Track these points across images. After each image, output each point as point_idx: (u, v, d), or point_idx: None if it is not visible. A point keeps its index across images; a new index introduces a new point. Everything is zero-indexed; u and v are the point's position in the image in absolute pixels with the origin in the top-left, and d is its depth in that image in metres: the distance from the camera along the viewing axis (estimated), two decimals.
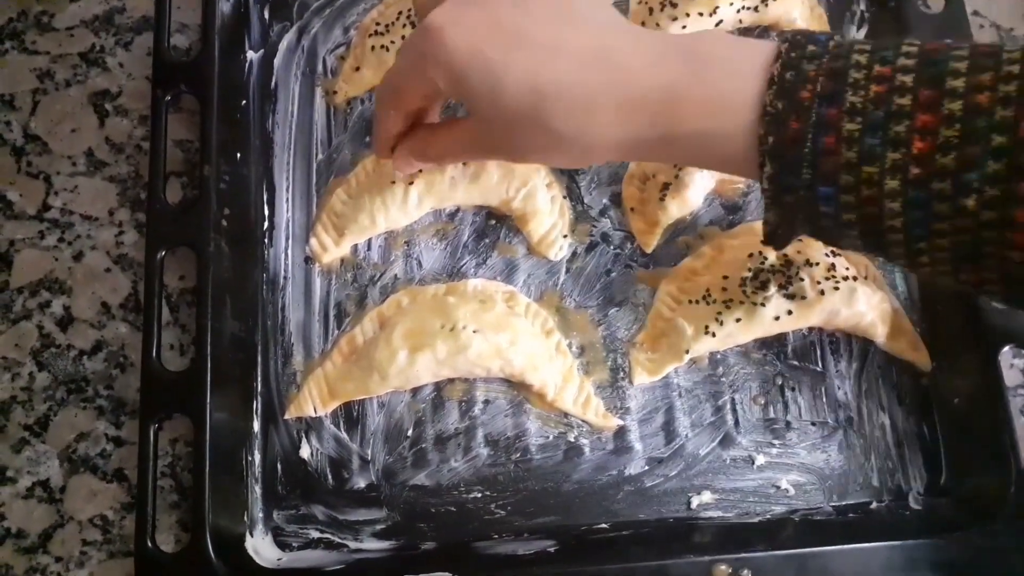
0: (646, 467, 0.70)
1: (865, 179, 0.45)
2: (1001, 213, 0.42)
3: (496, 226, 0.75)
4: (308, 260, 0.75)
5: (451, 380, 0.71)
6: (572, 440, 0.70)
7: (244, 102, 0.77)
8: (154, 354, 0.67)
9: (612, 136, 0.51)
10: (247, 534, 0.66)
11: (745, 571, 0.63)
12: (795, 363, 0.72)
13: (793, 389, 0.71)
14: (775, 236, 0.52)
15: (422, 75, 0.54)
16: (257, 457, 0.69)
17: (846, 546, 0.64)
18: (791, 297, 0.69)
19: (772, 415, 0.71)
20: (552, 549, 0.66)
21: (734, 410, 0.71)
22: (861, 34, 0.81)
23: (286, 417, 0.70)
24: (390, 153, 0.63)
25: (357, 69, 0.78)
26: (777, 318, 0.69)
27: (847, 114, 0.45)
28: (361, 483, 0.69)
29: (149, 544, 0.64)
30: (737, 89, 0.48)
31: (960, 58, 0.44)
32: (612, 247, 0.75)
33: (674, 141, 0.51)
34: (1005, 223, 0.43)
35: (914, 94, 0.44)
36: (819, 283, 0.68)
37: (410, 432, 0.70)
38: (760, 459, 0.70)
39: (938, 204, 0.44)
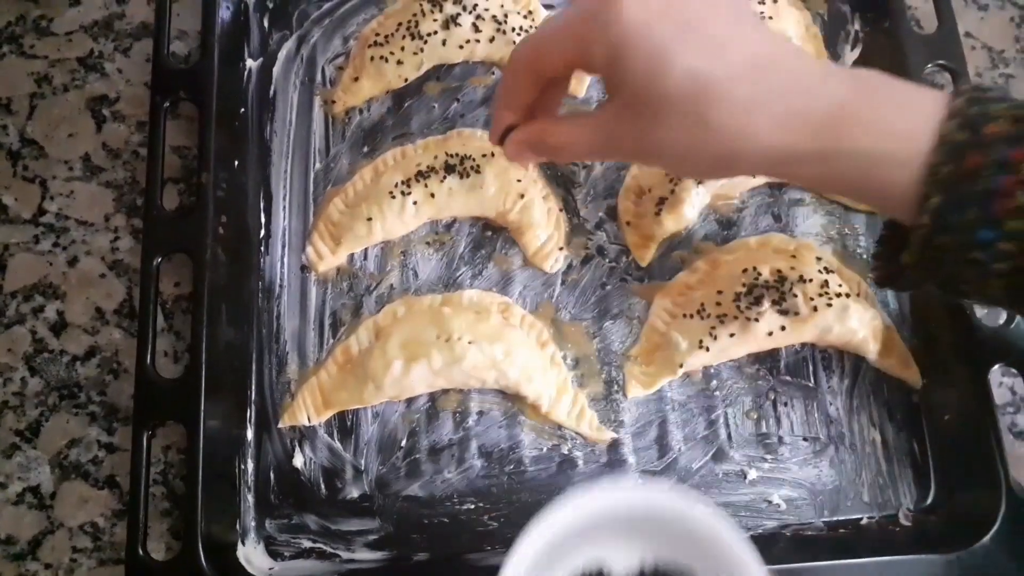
0: (640, 480, 0.70)
1: None
2: None
3: (492, 238, 0.76)
4: (304, 269, 0.75)
5: (445, 391, 0.71)
6: (566, 452, 0.70)
7: (243, 110, 0.77)
8: (148, 360, 0.67)
9: (769, 142, 0.49)
10: (239, 543, 0.66)
11: None
12: (788, 378, 0.72)
13: (786, 404, 0.72)
14: (900, 278, 0.52)
15: (580, 39, 0.51)
16: (250, 465, 0.69)
17: (836, 562, 0.64)
18: (784, 313, 0.69)
19: (764, 430, 0.71)
20: None
21: (727, 424, 0.71)
22: (855, 54, 0.82)
23: (280, 426, 0.70)
24: (501, 137, 0.59)
25: (356, 79, 0.78)
26: (771, 333, 0.70)
27: None
28: (354, 493, 0.69)
29: (140, 552, 0.63)
30: (912, 117, 0.48)
31: None
32: (607, 260, 0.75)
33: (835, 158, 0.49)
34: None
35: None
36: (812, 299, 0.69)
37: (404, 442, 0.70)
38: (752, 473, 0.70)
39: None
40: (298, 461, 0.70)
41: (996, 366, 0.68)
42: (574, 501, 0.53)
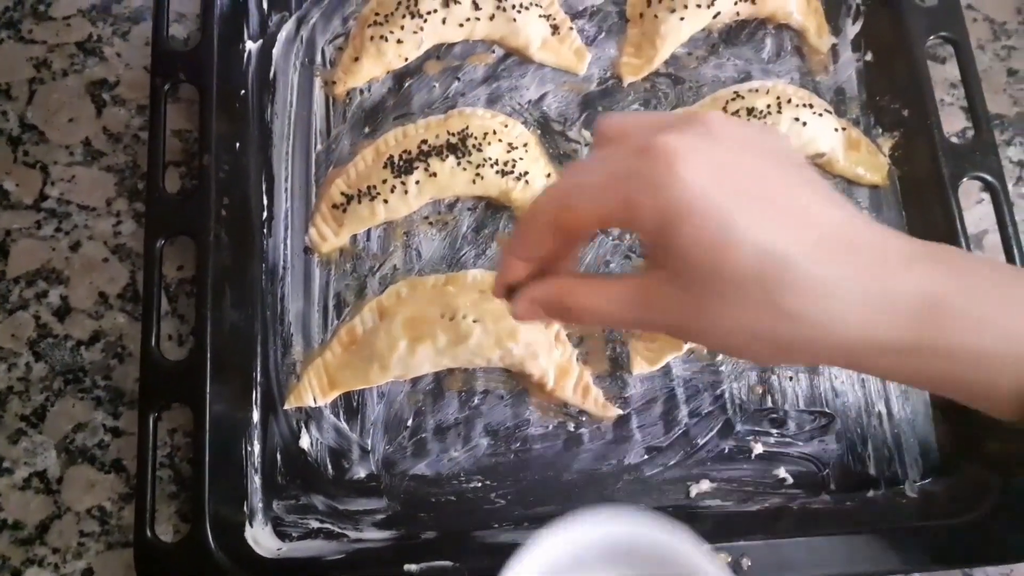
0: (645, 456, 0.70)
1: None
2: None
3: (495, 217, 0.75)
4: (307, 250, 0.75)
5: (451, 370, 0.71)
6: (572, 430, 0.70)
7: (243, 92, 0.77)
8: (153, 343, 0.67)
9: (852, 332, 0.42)
10: (246, 524, 0.66)
11: (745, 559, 0.63)
12: None
13: (791, 379, 0.72)
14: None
15: (625, 201, 0.42)
16: (257, 447, 0.69)
17: (843, 534, 0.65)
18: None
19: (770, 404, 0.71)
20: None
21: (732, 400, 0.71)
22: (856, 27, 0.81)
23: (286, 407, 0.70)
24: (506, 290, 0.49)
25: (356, 60, 0.78)
26: None
27: None
28: (361, 473, 0.69)
29: (148, 533, 0.63)
30: (1018, 310, 0.42)
31: None
32: (611, 238, 0.75)
33: (931, 354, 0.42)
34: None
35: None
36: None
37: (410, 422, 0.70)
38: (758, 448, 0.70)
39: None
40: (305, 442, 0.70)
41: None
42: (554, 535, 0.52)
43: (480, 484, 0.69)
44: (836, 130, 0.76)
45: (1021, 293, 0.42)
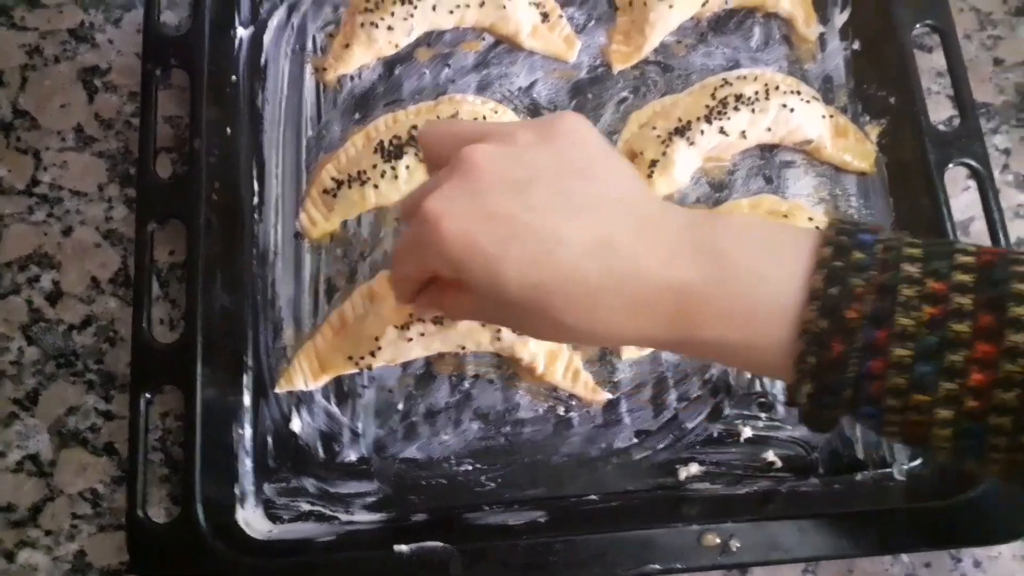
0: (635, 440, 0.70)
1: (913, 406, 0.42)
2: None
3: None
4: (298, 235, 0.75)
5: (441, 355, 0.72)
6: (562, 414, 0.71)
7: (234, 78, 0.77)
8: (144, 323, 0.67)
9: (622, 333, 0.48)
10: (237, 506, 0.67)
11: (734, 540, 0.64)
12: None
13: None
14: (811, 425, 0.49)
15: (423, 264, 0.52)
16: (247, 431, 0.69)
17: (832, 516, 0.65)
18: None
19: (759, 389, 0.72)
20: (542, 520, 0.67)
21: (721, 384, 0.72)
22: (844, 16, 0.82)
23: (276, 391, 0.71)
24: (409, 302, 0.60)
25: (347, 46, 0.78)
26: None
27: (897, 337, 0.41)
28: (352, 456, 0.70)
29: (140, 513, 0.64)
30: (769, 299, 0.44)
31: (1021, 276, 0.41)
32: None
33: (694, 346, 0.48)
34: None
35: (973, 319, 0.41)
36: None
37: (400, 406, 0.71)
38: (747, 432, 0.71)
39: (994, 437, 0.41)
40: (295, 425, 0.70)
41: None
42: None
43: (471, 467, 0.69)
44: (824, 117, 0.77)
45: (778, 273, 0.45)
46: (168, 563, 0.63)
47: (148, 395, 0.66)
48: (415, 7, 0.77)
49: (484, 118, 0.75)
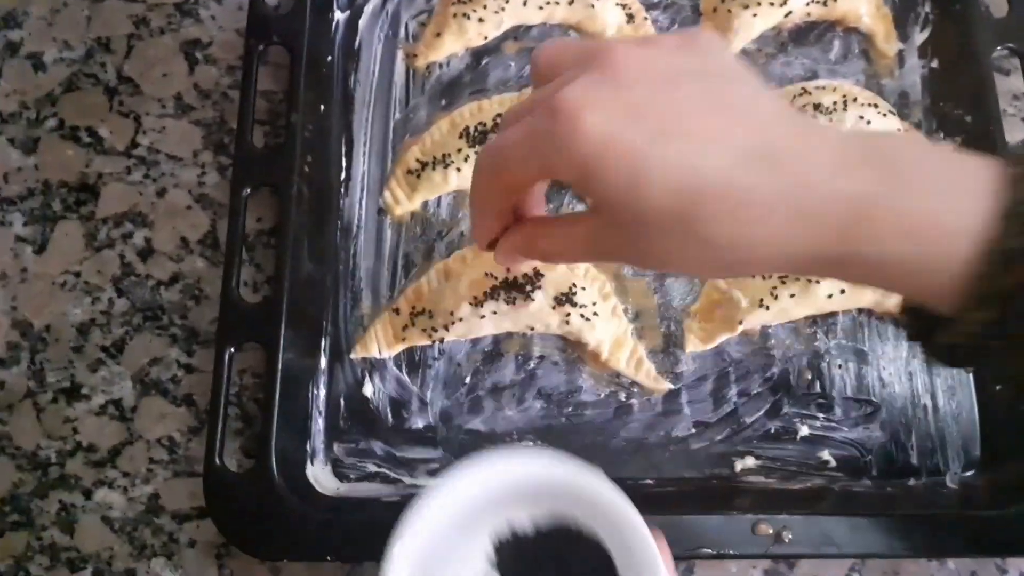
0: (693, 430, 0.72)
1: None
2: None
3: (561, 191, 0.78)
4: (381, 212, 0.78)
5: (509, 334, 0.74)
6: (623, 399, 0.73)
7: (329, 59, 0.80)
8: (233, 283, 0.70)
9: (781, 249, 0.42)
10: (308, 462, 0.69)
11: (786, 532, 0.65)
12: (843, 342, 0.74)
13: (840, 367, 0.74)
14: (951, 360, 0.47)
15: (542, 161, 0.44)
16: (322, 391, 0.72)
17: (884, 516, 0.66)
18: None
19: (818, 390, 0.73)
20: None
21: (782, 382, 0.73)
22: (924, 35, 0.83)
23: (352, 356, 0.73)
24: (489, 245, 0.54)
25: (438, 35, 0.82)
26: (830, 296, 0.72)
27: None
28: (419, 423, 0.72)
29: (217, 461, 0.67)
30: (951, 210, 0.39)
31: None
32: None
33: (861, 263, 0.42)
34: None
35: None
36: None
37: (468, 379, 0.73)
38: (804, 430, 0.72)
39: None
40: (367, 390, 0.73)
41: None
42: (468, 474, 0.49)
43: (532, 443, 0.71)
44: (899, 131, 0.78)
45: (958, 187, 0.40)
46: (242, 510, 0.66)
47: (232, 349, 0.69)
48: (507, 1, 0.80)
49: None
